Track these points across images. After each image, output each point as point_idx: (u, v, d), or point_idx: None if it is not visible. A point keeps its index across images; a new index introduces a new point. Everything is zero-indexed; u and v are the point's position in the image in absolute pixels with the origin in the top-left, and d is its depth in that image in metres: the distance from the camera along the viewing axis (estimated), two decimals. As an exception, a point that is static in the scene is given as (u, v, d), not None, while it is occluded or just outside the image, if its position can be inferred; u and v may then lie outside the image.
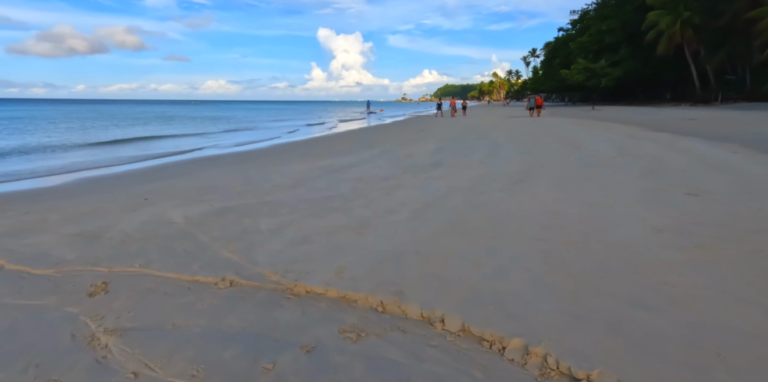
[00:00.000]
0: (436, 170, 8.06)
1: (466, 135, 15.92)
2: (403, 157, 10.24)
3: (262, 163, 10.02)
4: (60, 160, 12.15)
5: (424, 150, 11.52)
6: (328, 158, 10.39)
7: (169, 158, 12.41)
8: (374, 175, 7.64)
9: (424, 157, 10.09)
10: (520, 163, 8.61)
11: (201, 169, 9.45)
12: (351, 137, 17.69)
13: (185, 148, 15.54)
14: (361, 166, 8.91)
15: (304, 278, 3.12)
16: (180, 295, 2.95)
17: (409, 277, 3.08)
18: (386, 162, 9.42)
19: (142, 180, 8.15)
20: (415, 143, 13.42)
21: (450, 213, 4.87)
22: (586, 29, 57.67)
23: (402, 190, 6.30)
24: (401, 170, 8.18)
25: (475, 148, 11.58)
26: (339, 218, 4.80)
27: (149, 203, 5.82)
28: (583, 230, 4.02)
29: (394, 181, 7.07)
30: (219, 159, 11.16)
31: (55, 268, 3.47)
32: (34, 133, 23.11)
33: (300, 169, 8.73)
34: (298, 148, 13.91)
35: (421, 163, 9.01)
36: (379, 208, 5.23)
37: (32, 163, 11.73)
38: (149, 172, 9.42)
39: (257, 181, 7.44)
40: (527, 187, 6.22)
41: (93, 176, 9.12)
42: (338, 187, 6.63)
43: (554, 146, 11.31)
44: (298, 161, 10.02)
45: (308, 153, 11.78)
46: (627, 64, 50.38)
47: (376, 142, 14.51)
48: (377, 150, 11.82)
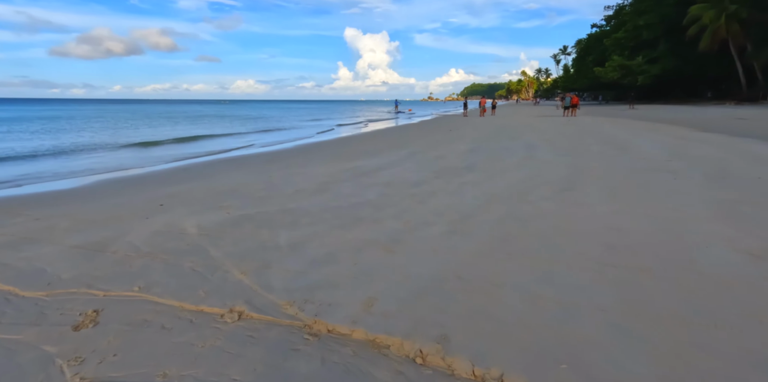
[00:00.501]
0: (471, 174, 7.44)
1: (499, 135, 15.17)
2: (434, 159, 9.65)
3: (286, 165, 9.61)
4: (87, 161, 12.08)
5: (455, 152, 10.89)
6: (355, 160, 9.90)
7: (194, 159, 12.18)
8: (404, 180, 7.09)
9: (456, 159, 9.47)
10: (562, 167, 7.89)
11: (224, 171, 9.10)
12: (378, 138, 17.18)
13: (213, 148, 15.37)
14: (389, 169, 8.37)
15: (326, 311, 2.60)
16: (179, 330, 2.47)
17: (454, 314, 2.52)
18: (416, 165, 8.85)
19: (163, 183, 7.84)
20: (446, 144, 12.79)
21: (493, 227, 4.27)
22: (621, 25, 55.42)
23: (435, 197, 5.72)
24: (433, 174, 7.59)
25: (510, 149, 10.87)
26: (367, 231, 4.27)
27: (164, 209, 5.43)
28: (658, 254, 3.36)
29: (426, 186, 6.50)
30: (243, 160, 10.83)
31: (47, 289, 3.06)
32: (69, 132, 23.56)
33: (325, 171, 8.26)
34: (324, 148, 13.49)
35: (453, 167, 8.40)
36: (412, 219, 4.67)
37: (59, 163, 11.69)
38: (172, 174, 9.14)
39: (280, 185, 7.00)
40: (577, 196, 5.53)
41: (115, 178, 8.89)
42: (365, 194, 6.10)
43: (597, 148, 10.49)
44: (324, 163, 9.57)
45: (335, 154, 11.32)
46: (666, 61, 48.09)
47: (404, 142, 13.95)
48: (406, 151, 11.25)
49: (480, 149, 11.17)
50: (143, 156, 13.33)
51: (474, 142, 12.93)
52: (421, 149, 11.62)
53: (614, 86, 61.40)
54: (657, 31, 48.50)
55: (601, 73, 54.52)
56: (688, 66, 47.11)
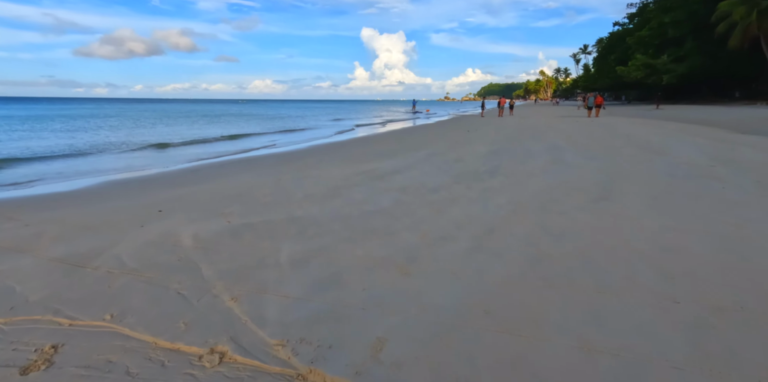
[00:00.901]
0: (494, 179, 6.89)
1: (520, 137, 14.52)
2: (453, 162, 9.11)
3: (298, 166, 9.18)
4: (100, 161, 11.88)
5: (475, 154, 10.33)
6: (370, 162, 9.42)
7: (206, 161, 11.87)
8: (421, 185, 6.58)
9: (476, 162, 8.92)
10: (594, 172, 7.28)
11: (233, 173, 8.72)
12: (395, 138, 16.68)
13: (228, 149, 15.09)
14: (405, 172, 7.87)
15: (324, 356, 2.12)
16: (146, 377, 2.02)
17: (482, 365, 2.01)
18: (434, 168, 8.33)
19: (168, 185, 7.48)
20: (465, 146, 12.23)
21: (523, 243, 3.74)
22: (645, 23, 53.76)
23: (456, 205, 5.20)
24: (452, 179, 7.07)
25: (534, 152, 10.26)
26: (379, 246, 3.78)
27: (163, 215, 5.03)
28: (731, 285, 2.79)
29: (444, 192, 5.98)
30: (255, 162, 10.45)
31: (8, 315, 2.65)
32: (87, 131, 23.65)
33: (338, 174, 7.80)
34: (339, 149, 13.05)
35: (474, 170, 7.86)
36: (430, 231, 4.17)
37: (71, 163, 11.50)
38: (179, 176, 8.79)
39: (289, 189, 6.56)
40: (616, 207, 4.95)
41: (122, 180, 8.57)
42: (379, 200, 5.62)
43: (629, 151, 9.81)
44: (337, 165, 9.12)
45: (349, 156, 10.87)
46: (692, 60, 46.44)
47: (421, 143, 13.42)
48: (423, 153, 10.73)
49: (501, 151, 10.59)
50: (156, 156, 13.09)
51: (494, 144, 12.33)
52: (439, 151, 11.09)
53: (637, 86, 59.79)
54: (684, 28, 46.85)
55: (624, 73, 53.04)
56: (716, 65, 45.42)
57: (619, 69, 53.80)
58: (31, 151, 13.98)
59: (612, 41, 67.65)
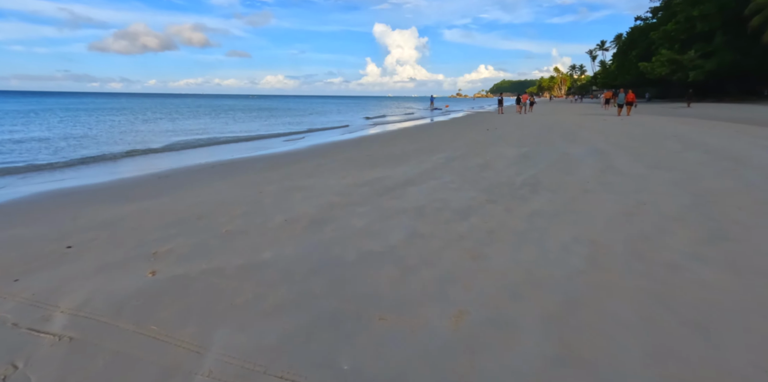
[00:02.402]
0: (539, 197, 5.18)
1: (550, 137, 12.72)
2: (479, 168, 7.40)
3: (290, 173, 7.54)
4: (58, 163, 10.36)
5: (503, 157, 8.61)
6: (378, 167, 7.75)
7: (186, 163, 10.29)
8: (443, 204, 4.90)
9: (508, 169, 7.20)
10: (668, 186, 5.53)
11: (209, 180, 7.10)
12: (408, 137, 14.96)
13: (217, 153, 13.52)
14: (421, 183, 6.19)
15: None
16: None
17: None
18: (457, 176, 6.64)
19: (118, 198, 5.87)
20: (488, 147, 10.49)
21: (643, 349, 2.04)
22: (671, 16, 51.06)
23: (499, 246, 3.51)
24: (483, 194, 5.38)
25: (575, 156, 8.50)
26: (384, 345, 2.12)
27: (65, 257, 3.42)
28: None
29: (477, 219, 4.30)
30: (239, 166, 8.82)
31: None
32: (75, 126, 22.31)
33: (336, 185, 6.15)
34: (343, 150, 11.38)
35: (508, 182, 6.15)
36: (468, 307, 2.49)
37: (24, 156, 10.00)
38: (139, 185, 7.16)
39: (268, 208, 4.93)
40: (756, 253, 3.21)
41: (64, 190, 6.82)
42: (386, 231, 3.96)
43: (694, 157, 8.00)
44: (337, 171, 7.46)
45: (354, 159, 9.20)
46: (722, 55, 43.81)
47: (437, 144, 11.70)
48: (441, 156, 9.03)
49: (534, 155, 8.84)
50: (130, 160, 11.56)
51: (523, 145, 10.58)
52: (460, 153, 9.38)
53: (660, 83, 57.12)
54: (713, 22, 44.22)
55: (648, 69, 50.55)
56: (747, 61, 42.79)
57: (641, 65, 51.35)
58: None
59: (633, 36, 64.80)
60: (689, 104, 32.71)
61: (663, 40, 50.08)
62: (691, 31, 46.57)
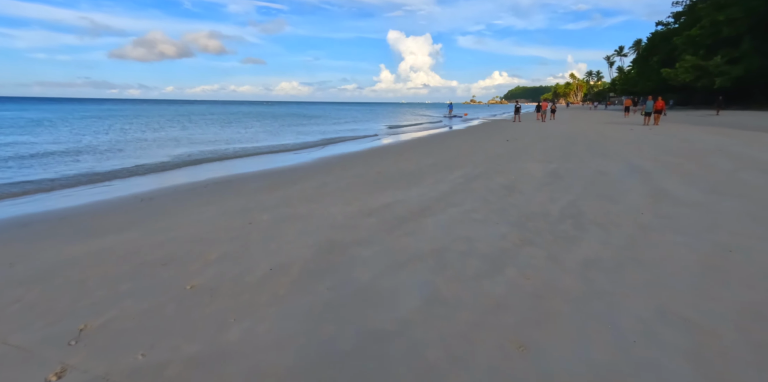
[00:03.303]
0: (587, 237, 4.18)
1: (575, 150, 11.64)
2: (504, 191, 6.42)
3: (288, 195, 6.66)
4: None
5: (530, 176, 7.61)
6: (389, 188, 6.83)
7: (175, 182, 9.50)
8: (468, 247, 3.93)
9: (538, 192, 6.20)
10: (752, 224, 4.48)
11: (192, 205, 6.24)
12: (422, 148, 14.01)
13: (217, 168, 12.74)
14: (439, 212, 5.24)
15: None
16: None
17: None
18: (480, 203, 5.67)
19: (78, 231, 5.01)
20: (511, 162, 9.48)
21: None
22: (695, 21, 49.40)
23: (551, 325, 2.53)
24: (515, 230, 4.40)
25: (611, 176, 7.46)
26: None
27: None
28: None
29: (514, 272, 3.32)
30: (233, 185, 7.93)
31: None
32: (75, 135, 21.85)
33: (339, 214, 5.23)
34: (351, 165, 10.48)
35: (542, 211, 5.15)
36: None
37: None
38: (115, 210, 6.35)
39: (252, 248, 4.03)
40: None
41: (21, 217, 5.89)
42: (397, 291, 3.01)
43: (756, 179, 6.89)
44: (342, 194, 6.56)
45: (362, 176, 8.29)
46: (750, 61, 42.03)
47: (454, 157, 10.73)
48: (460, 174, 8.06)
49: (565, 174, 7.82)
50: (117, 179, 10.82)
51: (549, 160, 9.55)
52: (481, 171, 8.39)
53: (682, 90, 55.27)
54: (740, 26, 42.57)
55: (670, 75, 48.89)
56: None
57: (664, 71, 49.71)
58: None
59: (654, 42, 63.10)
60: (718, 112, 31.18)
61: (687, 46, 48.46)
62: (717, 36, 44.92)
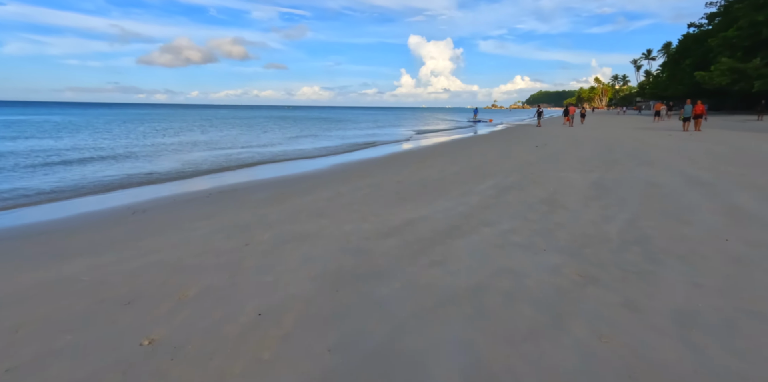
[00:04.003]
0: (668, 273, 3.24)
1: (614, 157, 10.57)
2: (544, 206, 5.49)
3: (296, 208, 5.89)
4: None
5: (571, 188, 6.66)
6: (411, 201, 5.99)
7: (152, 194, 8.84)
8: (513, 285, 3.05)
9: (586, 208, 5.26)
10: None
11: (186, 219, 5.51)
12: (446, 154, 13.11)
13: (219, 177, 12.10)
14: (471, 232, 4.36)
15: None
16: None
17: None
18: (519, 221, 4.76)
19: (44, 252, 4.30)
20: (546, 170, 8.52)
21: None
22: (731, 22, 47.14)
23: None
24: (570, 261, 3.49)
25: (667, 188, 6.45)
26: None
27: None
28: None
29: (582, 330, 2.43)
30: (238, 194, 7.21)
31: None
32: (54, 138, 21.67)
33: (353, 234, 4.41)
34: (370, 172, 9.68)
35: (598, 235, 4.22)
36: None
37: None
38: (100, 225, 5.68)
39: (241, 282, 3.24)
40: None
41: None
42: (427, 358, 2.15)
43: None
44: (357, 207, 5.75)
45: (381, 186, 7.46)
46: (792, 64, 39.78)
47: (482, 164, 9.82)
48: (490, 184, 7.16)
49: (611, 185, 6.84)
50: (121, 185, 10.25)
51: (588, 169, 8.55)
52: (513, 180, 7.47)
53: (716, 94, 52.82)
54: (782, 27, 40.36)
55: (705, 79, 46.67)
56: (821, 69, 38.64)
57: (698, 74, 47.49)
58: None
59: (686, 44, 60.67)
60: (760, 117, 29.29)
61: (722, 48, 46.27)
62: (756, 38, 42.73)
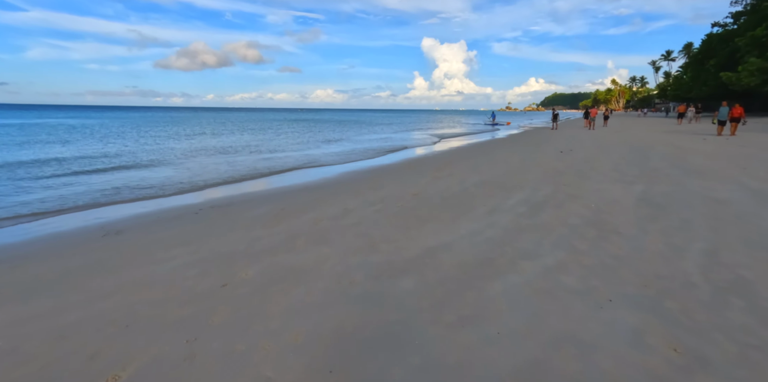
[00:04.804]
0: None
1: (653, 165, 9.48)
2: (593, 229, 4.52)
3: (293, 231, 5.02)
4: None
5: (616, 204, 5.66)
6: (429, 221, 5.07)
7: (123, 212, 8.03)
8: (583, 368, 2.11)
9: (646, 235, 4.28)
10: None
11: (164, 243, 4.68)
12: (465, 161, 12.13)
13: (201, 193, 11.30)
14: (506, 271, 3.42)
15: None
16: None
17: None
18: (565, 253, 3.81)
19: None
20: (580, 181, 7.51)
21: None
22: (760, 20, 45.19)
23: None
24: (654, 324, 2.53)
25: (736, 205, 5.41)
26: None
27: None
28: None
29: None
30: (231, 211, 6.37)
31: None
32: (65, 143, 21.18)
33: (358, 269, 3.51)
34: (382, 182, 8.77)
35: (676, 275, 3.25)
36: None
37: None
38: (62, 251, 4.87)
39: (201, 356, 2.37)
40: None
41: None
42: None
43: None
44: (366, 229, 4.85)
45: (394, 199, 6.56)
46: (826, 63, 37.83)
47: (506, 173, 8.84)
48: (519, 198, 6.20)
49: (663, 200, 5.83)
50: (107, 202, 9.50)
51: (630, 180, 7.52)
52: (545, 193, 6.50)
53: (743, 95, 50.75)
54: (815, 25, 38.46)
55: (732, 79, 44.79)
56: None
57: (724, 75, 45.64)
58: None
59: (710, 44, 58.58)
60: (797, 120, 27.57)
61: (751, 47, 44.37)
62: (788, 36, 40.85)
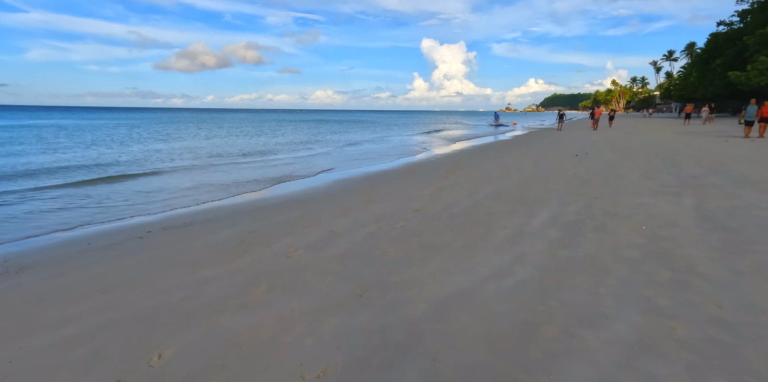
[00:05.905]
0: None
1: (688, 171, 8.26)
2: (663, 271, 3.31)
3: (261, 266, 3.80)
4: None
5: (673, 225, 4.45)
6: (435, 254, 3.86)
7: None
8: None
9: (740, 283, 3.06)
10: None
11: (79, 289, 3.48)
12: (473, 168, 10.88)
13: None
14: (560, 355, 2.20)
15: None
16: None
17: None
18: (642, 319, 2.59)
19: None
20: (614, 193, 6.29)
21: None
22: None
23: None
24: None
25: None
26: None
27: None
28: None
29: None
30: (190, 234, 5.14)
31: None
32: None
33: (336, 352, 2.29)
34: (378, 194, 7.54)
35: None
36: None
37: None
38: None
39: None
40: None
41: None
42: None
43: None
44: (353, 268, 3.63)
45: (392, 218, 5.34)
46: (840, 61, 36.66)
47: (521, 184, 7.61)
48: (545, 217, 4.97)
49: (729, 220, 4.62)
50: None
51: (671, 191, 6.30)
52: (576, 210, 5.28)
53: (754, 95, 49.54)
54: (828, 23, 37.29)
55: (740, 79, 43.59)
56: None
57: (732, 74, 44.45)
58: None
59: (716, 44, 57.38)
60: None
61: (760, 46, 43.19)
62: (798, 34, 39.69)
